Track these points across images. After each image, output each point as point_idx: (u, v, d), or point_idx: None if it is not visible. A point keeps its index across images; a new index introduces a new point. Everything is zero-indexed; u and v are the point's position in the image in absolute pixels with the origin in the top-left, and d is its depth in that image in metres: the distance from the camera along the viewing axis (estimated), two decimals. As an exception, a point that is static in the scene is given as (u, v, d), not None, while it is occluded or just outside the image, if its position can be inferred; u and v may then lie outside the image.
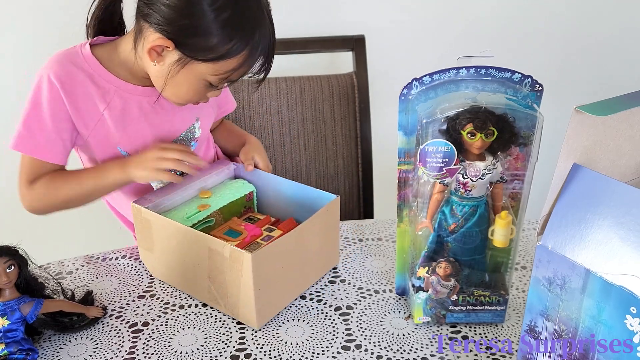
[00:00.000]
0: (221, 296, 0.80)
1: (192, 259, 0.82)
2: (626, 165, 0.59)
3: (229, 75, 0.89)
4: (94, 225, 1.73)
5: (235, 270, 0.76)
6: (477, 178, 0.71)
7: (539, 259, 0.58)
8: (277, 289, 0.81)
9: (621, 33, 1.65)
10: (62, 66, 0.90)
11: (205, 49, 0.84)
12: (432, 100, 0.71)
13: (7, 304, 0.71)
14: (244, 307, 0.78)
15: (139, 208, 0.86)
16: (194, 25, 0.83)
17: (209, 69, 0.87)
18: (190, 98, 0.92)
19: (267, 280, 0.77)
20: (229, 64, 0.86)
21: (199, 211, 0.90)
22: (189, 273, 0.83)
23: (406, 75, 0.73)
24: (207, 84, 0.90)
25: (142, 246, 0.90)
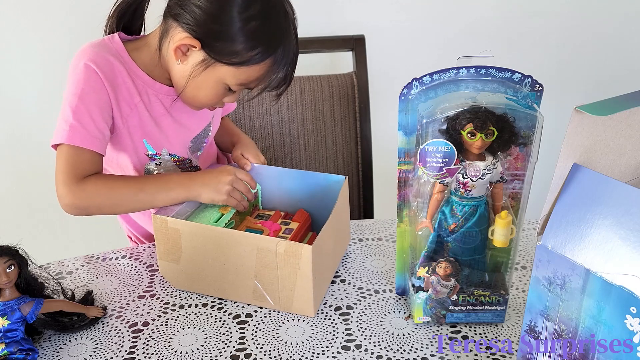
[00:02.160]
0: (271, 293, 0.81)
1: (234, 261, 0.81)
2: (626, 165, 0.59)
3: (249, 83, 0.90)
4: (94, 225, 1.73)
5: (292, 265, 0.78)
6: (477, 178, 0.72)
7: (539, 258, 0.58)
8: (324, 275, 0.84)
9: (621, 33, 1.65)
10: (97, 54, 0.90)
11: (230, 54, 0.86)
12: (432, 100, 0.71)
13: (7, 304, 0.71)
14: (299, 299, 0.80)
15: (165, 219, 0.84)
16: (222, 30, 0.84)
17: (231, 73, 0.88)
18: (208, 102, 0.93)
19: (319, 269, 0.80)
20: (250, 71, 0.88)
21: (222, 214, 0.90)
22: (229, 276, 0.83)
23: (406, 75, 0.73)
24: (226, 89, 0.91)
25: (164, 259, 0.86)
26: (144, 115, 0.95)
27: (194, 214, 0.91)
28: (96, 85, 0.88)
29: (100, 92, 0.89)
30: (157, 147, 0.98)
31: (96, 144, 0.89)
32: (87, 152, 0.88)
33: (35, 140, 1.61)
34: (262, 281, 0.81)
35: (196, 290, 0.87)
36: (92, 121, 0.88)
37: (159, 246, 0.86)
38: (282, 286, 0.80)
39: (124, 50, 0.92)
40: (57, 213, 0.99)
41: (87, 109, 0.88)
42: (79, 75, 0.88)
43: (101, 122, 0.89)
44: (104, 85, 0.89)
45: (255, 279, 0.81)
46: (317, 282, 0.80)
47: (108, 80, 0.89)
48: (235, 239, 0.80)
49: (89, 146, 0.88)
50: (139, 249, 0.98)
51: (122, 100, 0.92)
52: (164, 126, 0.97)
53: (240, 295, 0.84)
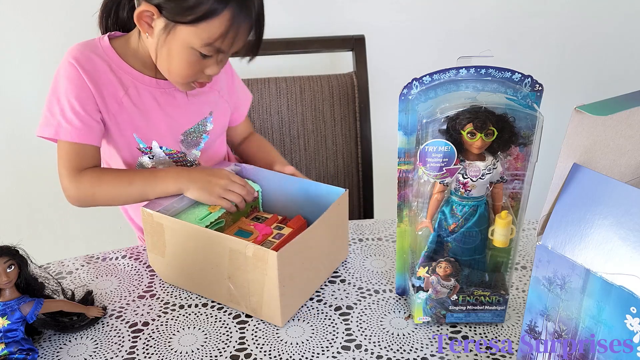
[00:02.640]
0: (242, 296, 0.80)
1: (210, 261, 0.81)
2: (626, 165, 0.59)
3: (214, 42, 0.88)
4: (94, 225, 1.73)
5: (259, 269, 0.76)
6: (477, 178, 0.72)
7: (539, 258, 0.58)
8: (299, 284, 0.81)
9: (621, 33, 1.65)
10: (80, 52, 0.94)
11: (184, 11, 0.85)
12: (432, 100, 0.71)
13: (7, 304, 0.71)
14: (267, 306, 0.79)
15: (151, 213, 0.85)
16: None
17: (192, 34, 0.87)
18: (186, 73, 0.92)
19: (290, 277, 0.78)
20: (211, 27, 0.86)
21: (210, 212, 0.90)
22: (207, 275, 0.83)
23: (406, 75, 0.73)
24: (197, 55, 0.89)
25: (152, 251, 0.88)
26: (132, 109, 0.96)
27: (184, 210, 0.91)
28: (78, 82, 0.92)
29: (82, 87, 0.92)
30: (147, 140, 0.99)
31: (80, 136, 0.92)
32: (79, 146, 0.92)
33: (35, 140, 1.61)
34: (235, 283, 0.80)
35: (180, 285, 0.88)
36: (75, 115, 0.92)
37: (147, 238, 0.88)
38: (252, 290, 0.79)
39: (110, 48, 0.96)
40: (57, 213, 1.00)
41: (70, 103, 0.92)
42: (62, 72, 0.93)
43: (85, 116, 0.92)
44: (85, 82, 0.92)
45: (229, 281, 0.81)
46: (286, 291, 0.77)
47: (90, 77, 0.92)
48: (211, 238, 0.80)
49: (77, 139, 0.92)
50: (139, 249, 0.98)
51: (107, 96, 0.94)
52: (154, 119, 0.98)
53: (217, 295, 0.84)
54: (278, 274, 0.74)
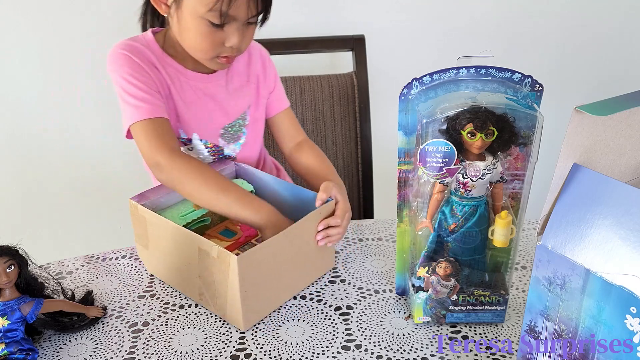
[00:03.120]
0: (211, 296, 0.80)
1: (184, 259, 0.82)
2: (626, 165, 0.59)
3: (217, 4, 0.86)
4: (94, 225, 1.73)
5: (223, 272, 0.75)
6: (477, 178, 0.72)
7: (539, 258, 0.58)
8: (266, 291, 0.80)
9: (621, 33, 1.65)
10: (126, 44, 0.96)
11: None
12: (432, 100, 0.71)
13: (7, 304, 0.71)
14: (231, 309, 0.78)
15: (136, 205, 0.86)
16: None
17: (197, 1, 0.87)
18: (204, 46, 0.92)
19: (254, 283, 0.76)
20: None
21: (194, 210, 0.90)
22: (182, 272, 0.84)
23: (406, 75, 0.73)
24: (208, 24, 0.89)
25: (138, 242, 0.90)
26: (178, 100, 0.98)
27: (171, 206, 0.92)
28: (134, 66, 0.94)
29: (140, 70, 0.94)
30: (188, 132, 1.01)
31: (155, 110, 0.92)
32: (160, 120, 0.92)
33: (36, 140, 1.61)
34: (204, 283, 0.80)
35: (162, 279, 0.89)
36: (144, 93, 0.93)
37: (134, 229, 0.89)
38: (218, 292, 0.78)
39: (154, 41, 0.98)
40: (57, 213, 1.00)
41: (135, 85, 0.93)
42: (117, 62, 0.94)
43: (152, 92, 0.94)
44: (141, 66, 0.94)
45: (200, 280, 0.80)
46: (249, 296, 0.76)
47: (143, 63, 0.95)
48: (184, 236, 0.80)
49: (153, 115, 0.91)
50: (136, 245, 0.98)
51: (160, 80, 0.97)
52: (196, 112, 1.00)
53: (191, 293, 0.85)
54: (239, 278, 0.73)
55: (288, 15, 1.53)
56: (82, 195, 1.68)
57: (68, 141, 1.62)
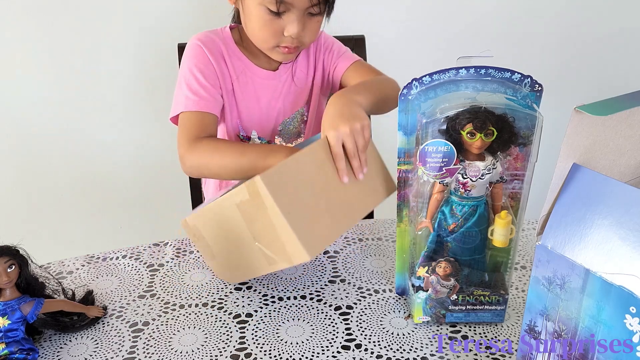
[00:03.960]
0: (269, 246, 0.72)
1: (236, 233, 0.75)
2: (626, 165, 0.59)
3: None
4: (94, 225, 1.73)
5: (260, 205, 0.69)
6: (477, 178, 0.72)
7: (538, 258, 0.58)
8: (315, 213, 0.73)
9: (621, 33, 1.65)
10: (205, 35, 1.03)
11: None
12: (432, 100, 0.71)
13: (7, 304, 0.71)
14: (288, 243, 0.70)
15: (186, 220, 0.83)
16: None
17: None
18: (264, 34, 0.96)
19: (295, 202, 0.70)
20: None
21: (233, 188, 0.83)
22: (243, 252, 0.76)
23: (406, 75, 0.73)
24: (267, 12, 0.92)
25: (207, 258, 0.85)
26: (239, 96, 1.03)
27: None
28: (203, 58, 1.00)
29: (207, 64, 1.00)
30: (247, 129, 1.05)
31: (206, 105, 0.97)
32: (199, 114, 0.96)
33: (36, 140, 1.61)
34: (258, 237, 0.73)
35: (238, 280, 0.86)
36: (201, 87, 0.98)
37: (198, 247, 0.86)
38: (269, 234, 0.71)
39: (230, 36, 1.04)
40: (57, 213, 1.00)
41: (196, 77, 0.98)
42: (188, 52, 1.01)
43: (210, 87, 0.98)
44: (208, 59, 1.00)
45: (256, 241, 0.74)
46: (298, 218, 0.69)
47: (212, 56, 1.00)
48: (222, 206, 0.75)
49: (201, 108, 0.96)
50: (139, 249, 0.98)
51: (225, 75, 1.01)
52: (257, 109, 1.04)
53: (260, 268, 0.77)
54: (273, 198, 0.67)
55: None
56: (82, 195, 1.68)
57: (68, 141, 1.63)
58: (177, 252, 0.98)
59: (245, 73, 1.03)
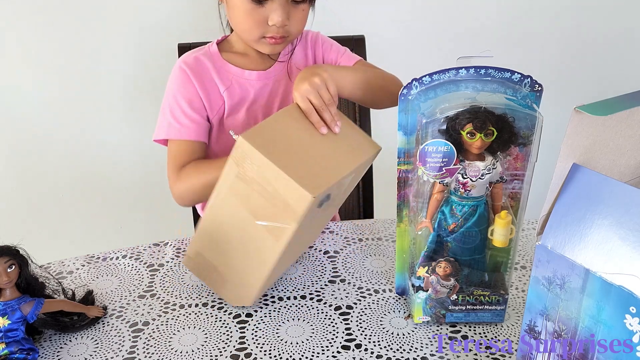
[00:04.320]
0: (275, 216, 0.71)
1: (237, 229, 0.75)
2: (626, 165, 0.59)
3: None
4: (95, 225, 1.73)
5: (250, 171, 0.68)
6: (477, 178, 0.72)
7: (538, 258, 0.58)
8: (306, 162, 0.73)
9: (621, 33, 1.65)
10: (191, 57, 1.02)
11: None
12: (432, 100, 0.72)
13: (7, 304, 0.71)
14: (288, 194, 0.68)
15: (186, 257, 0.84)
16: None
17: None
18: (248, 25, 0.94)
19: (284, 154, 0.70)
20: None
21: None
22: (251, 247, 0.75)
23: (406, 75, 0.73)
24: (250, 1, 0.91)
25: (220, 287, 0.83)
26: (232, 104, 1.01)
27: None
28: (187, 84, 0.99)
29: (189, 87, 0.99)
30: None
31: (188, 133, 0.97)
32: (184, 142, 0.97)
33: (36, 140, 1.61)
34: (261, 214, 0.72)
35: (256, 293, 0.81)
36: (184, 114, 0.97)
37: (211, 285, 0.84)
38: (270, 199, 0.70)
39: (217, 51, 1.03)
40: (57, 213, 1.00)
41: (180, 105, 0.98)
42: (174, 77, 1.00)
43: (194, 115, 0.98)
44: (192, 83, 0.99)
45: (257, 220, 0.72)
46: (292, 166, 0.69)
47: (197, 78, 0.99)
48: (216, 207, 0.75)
49: (185, 137, 0.97)
50: (139, 249, 0.98)
51: (211, 93, 1.00)
52: (252, 112, 1.03)
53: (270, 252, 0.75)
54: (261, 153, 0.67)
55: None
56: (82, 195, 1.68)
57: (68, 141, 1.62)
58: (177, 252, 0.98)
59: (236, 80, 1.02)
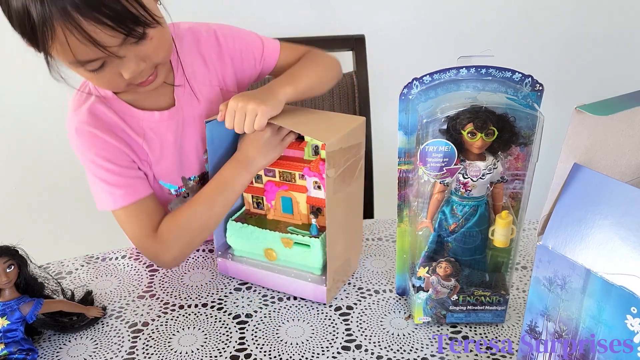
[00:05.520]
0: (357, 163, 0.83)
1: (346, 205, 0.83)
2: (627, 165, 0.59)
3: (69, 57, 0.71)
4: (94, 225, 1.73)
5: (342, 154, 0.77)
6: (478, 178, 0.71)
7: (539, 258, 0.57)
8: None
9: (622, 33, 1.65)
10: (80, 113, 0.84)
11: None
12: (433, 100, 0.71)
13: (6, 304, 0.71)
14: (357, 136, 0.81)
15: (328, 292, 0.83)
16: None
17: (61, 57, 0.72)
18: (113, 86, 0.80)
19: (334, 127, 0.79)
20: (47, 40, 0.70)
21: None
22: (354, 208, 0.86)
23: (406, 75, 0.73)
24: (87, 72, 0.75)
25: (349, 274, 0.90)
26: (153, 154, 0.88)
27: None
28: (95, 142, 0.83)
29: (103, 145, 0.83)
30: (175, 180, 0.93)
31: (139, 190, 0.84)
32: (138, 203, 0.84)
33: (36, 140, 1.61)
34: (350, 173, 0.82)
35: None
36: (118, 175, 0.83)
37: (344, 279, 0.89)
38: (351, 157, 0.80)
39: (111, 93, 0.85)
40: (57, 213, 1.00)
41: (106, 168, 0.83)
42: (79, 144, 0.84)
43: (126, 170, 0.84)
44: (102, 138, 0.83)
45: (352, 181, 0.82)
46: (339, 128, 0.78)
47: (104, 131, 0.83)
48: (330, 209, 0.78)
49: (136, 198, 0.84)
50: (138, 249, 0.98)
51: (130, 143, 0.86)
52: (176, 152, 0.90)
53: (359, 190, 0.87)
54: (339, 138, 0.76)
55: (288, 15, 1.53)
56: (82, 195, 1.68)
57: (68, 141, 1.62)
58: (176, 252, 0.97)
59: (150, 128, 0.86)
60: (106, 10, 0.66)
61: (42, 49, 0.72)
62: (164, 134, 0.88)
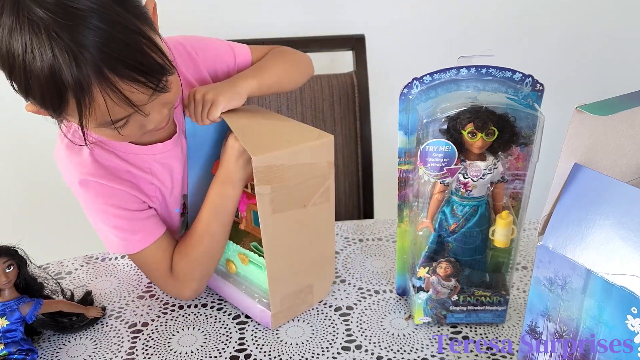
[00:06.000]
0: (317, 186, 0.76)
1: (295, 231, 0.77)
2: (627, 165, 0.59)
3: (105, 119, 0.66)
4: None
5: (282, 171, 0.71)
6: (478, 178, 0.71)
7: (539, 259, 0.57)
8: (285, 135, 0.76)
9: (622, 33, 1.65)
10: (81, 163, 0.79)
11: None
12: (433, 100, 0.71)
13: (6, 304, 0.71)
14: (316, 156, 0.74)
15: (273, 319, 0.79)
16: None
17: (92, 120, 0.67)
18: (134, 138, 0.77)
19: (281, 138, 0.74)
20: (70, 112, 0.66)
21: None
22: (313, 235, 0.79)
23: (406, 74, 0.73)
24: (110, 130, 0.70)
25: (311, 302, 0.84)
26: (164, 187, 0.85)
27: None
28: (103, 192, 0.79)
29: (111, 192, 0.79)
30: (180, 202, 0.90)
31: (154, 232, 0.82)
32: (153, 246, 0.81)
33: (36, 140, 1.61)
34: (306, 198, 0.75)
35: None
36: (130, 221, 0.80)
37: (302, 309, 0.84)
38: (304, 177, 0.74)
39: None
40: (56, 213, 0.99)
41: (118, 215, 0.79)
42: (85, 197, 0.80)
43: (140, 213, 0.81)
44: (109, 186, 0.79)
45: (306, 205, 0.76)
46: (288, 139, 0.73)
47: (110, 179, 0.79)
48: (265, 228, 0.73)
49: (151, 241, 0.81)
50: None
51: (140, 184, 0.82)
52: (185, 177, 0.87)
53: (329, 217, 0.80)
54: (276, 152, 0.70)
55: (288, 14, 1.53)
56: (81, 195, 1.68)
57: (68, 141, 1.62)
58: (176, 252, 0.97)
59: (157, 160, 0.82)
60: (139, 67, 0.63)
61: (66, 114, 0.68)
62: (172, 163, 0.84)
